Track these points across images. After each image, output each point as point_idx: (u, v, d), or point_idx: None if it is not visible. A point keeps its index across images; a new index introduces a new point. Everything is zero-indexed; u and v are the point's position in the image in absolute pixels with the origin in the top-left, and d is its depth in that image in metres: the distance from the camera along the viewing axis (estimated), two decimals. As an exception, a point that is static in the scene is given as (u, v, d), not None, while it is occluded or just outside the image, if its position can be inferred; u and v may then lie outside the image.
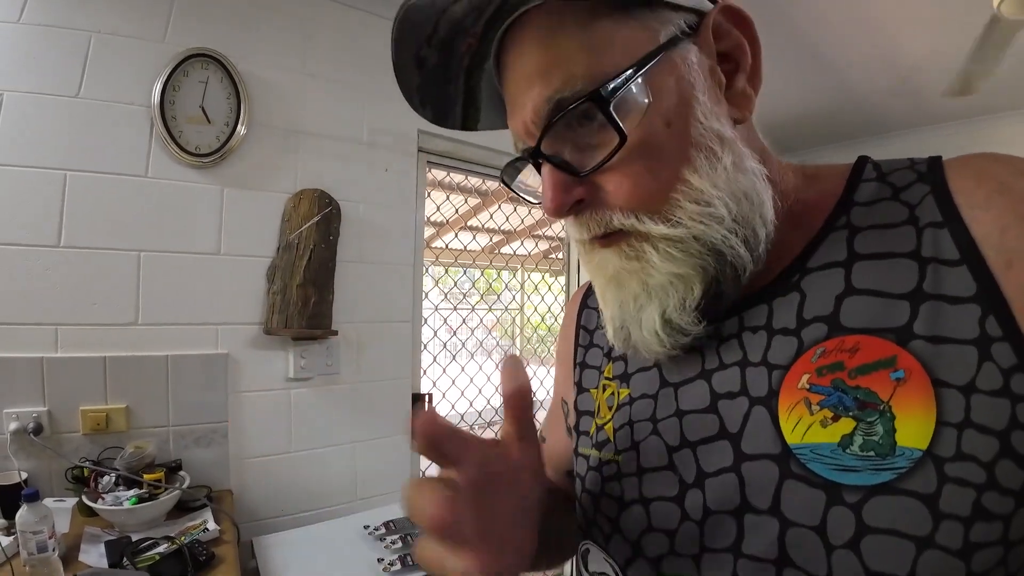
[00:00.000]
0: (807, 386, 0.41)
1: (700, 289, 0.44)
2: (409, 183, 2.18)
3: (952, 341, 0.37)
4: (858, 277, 0.42)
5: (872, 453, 0.37)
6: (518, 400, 0.44)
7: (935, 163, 0.45)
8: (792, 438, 0.41)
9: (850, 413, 0.39)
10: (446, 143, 2.28)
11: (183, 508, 1.56)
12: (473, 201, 3.02)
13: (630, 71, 0.40)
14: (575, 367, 0.66)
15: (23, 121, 1.51)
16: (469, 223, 3.42)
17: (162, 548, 1.29)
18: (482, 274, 2.91)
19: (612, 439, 0.54)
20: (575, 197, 0.44)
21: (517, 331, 3.45)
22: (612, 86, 0.40)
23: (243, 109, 1.76)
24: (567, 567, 2.92)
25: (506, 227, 2.95)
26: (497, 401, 2.82)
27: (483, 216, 3.07)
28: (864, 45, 2.37)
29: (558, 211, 0.44)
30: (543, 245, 3.66)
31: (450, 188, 2.59)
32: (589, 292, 0.69)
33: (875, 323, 0.40)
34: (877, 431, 0.38)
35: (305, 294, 1.79)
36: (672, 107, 0.42)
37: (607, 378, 0.59)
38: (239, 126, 1.76)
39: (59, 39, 1.55)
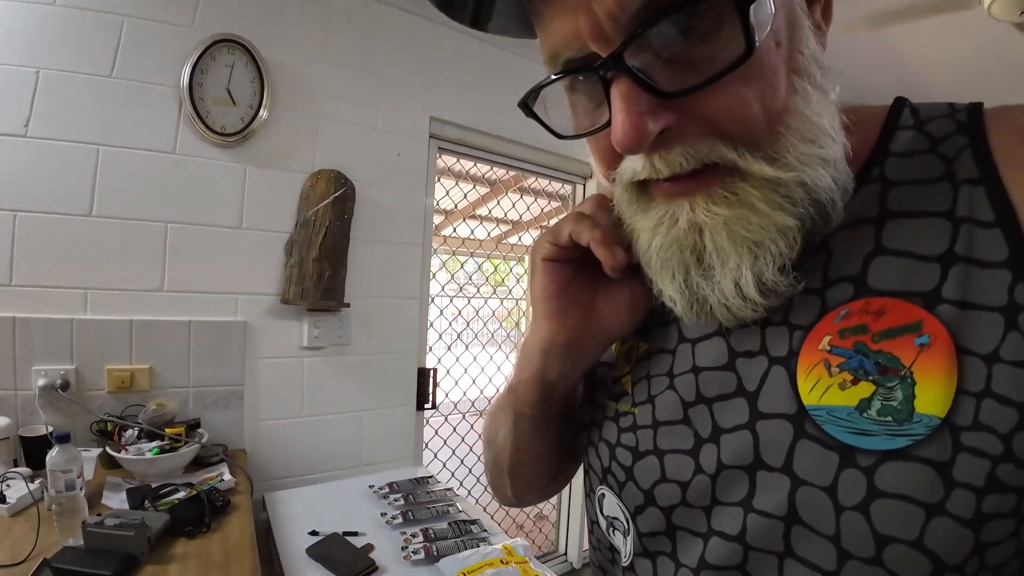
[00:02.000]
0: (828, 348, 0.40)
1: (801, 240, 0.39)
2: (420, 168, 2.27)
3: (979, 307, 0.35)
4: (889, 236, 0.40)
5: (889, 418, 0.36)
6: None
7: (976, 112, 0.41)
8: (809, 399, 0.40)
9: (870, 377, 0.37)
10: (456, 130, 2.36)
11: (200, 463, 1.64)
12: (482, 190, 3.11)
13: None
14: None
15: (59, 98, 1.60)
16: (476, 211, 3.50)
17: (182, 494, 1.37)
18: (488, 260, 2.98)
19: (630, 391, 0.53)
20: (663, 124, 0.36)
21: (521, 322, 3.48)
22: None
23: (266, 92, 1.85)
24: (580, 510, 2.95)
25: (512, 216, 3.02)
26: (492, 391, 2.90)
27: (490, 205, 3.15)
28: (869, 44, 2.38)
29: (639, 142, 0.36)
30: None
31: (459, 176, 2.67)
32: None
33: (903, 285, 0.38)
34: (896, 397, 0.36)
35: (320, 268, 1.88)
36: (782, 26, 0.37)
37: None
38: (262, 108, 1.85)
39: (93, 21, 1.63)
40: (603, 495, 0.55)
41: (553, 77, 0.40)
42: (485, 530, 1.57)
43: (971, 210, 0.37)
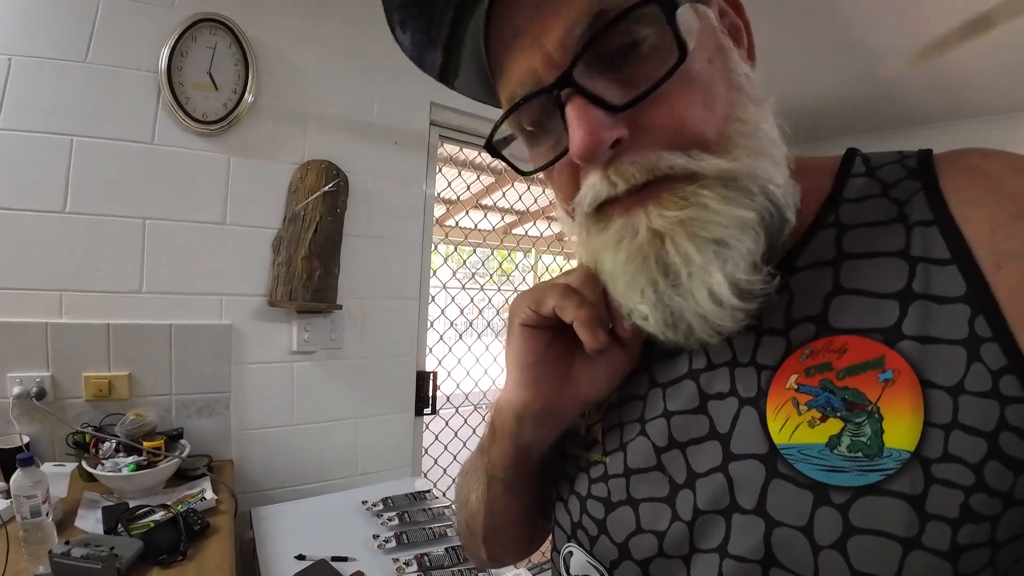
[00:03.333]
0: (795, 386, 0.41)
1: (764, 238, 0.39)
2: (420, 157, 2.14)
3: (941, 341, 0.36)
4: (846, 276, 0.41)
5: (860, 454, 0.37)
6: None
7: (926, 158, 0.43)
8: (779, 438, 0.40)
9: (838, 414, 0.38)
10: (459, 117, 2.23)
11: (184, 476, 1.56)
12: (487, 180, 2.99)
13: None
14: None
15: (31, 86, 1.49)
16: (482, 202, 3.39)
17: (158, 516, 1.29)
18: (493, 253, 2.87)
19: (601, 440, 0.53)
20: (616, 134, 0.38)
21: None
22: None
23: (251, 76, 1.73)
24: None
25: (519, 207, 2.90)
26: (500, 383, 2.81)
27: (496, 196, 3.03)
28: (898, 30, 2.26)
29: (595, 150, 0.38)
30: (556, 228, 3.61)
31: (463, 164, 2.54)
32: None
33: (863, 323, 0.39)
34: (865, 432, 0.37)
35: (310, 267, 1.77)
36: (711, 46, 0.40)
37: None
38: (247, 93, 1.73)
39: (67, 4, 1.52)
40: (570, 552, 0.54)
41: (510, 110, 0.43)
42: (485, 554, 1.46)
43: (926, 250, 0.39)
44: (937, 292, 0.37)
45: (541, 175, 0.47)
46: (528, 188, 2.91)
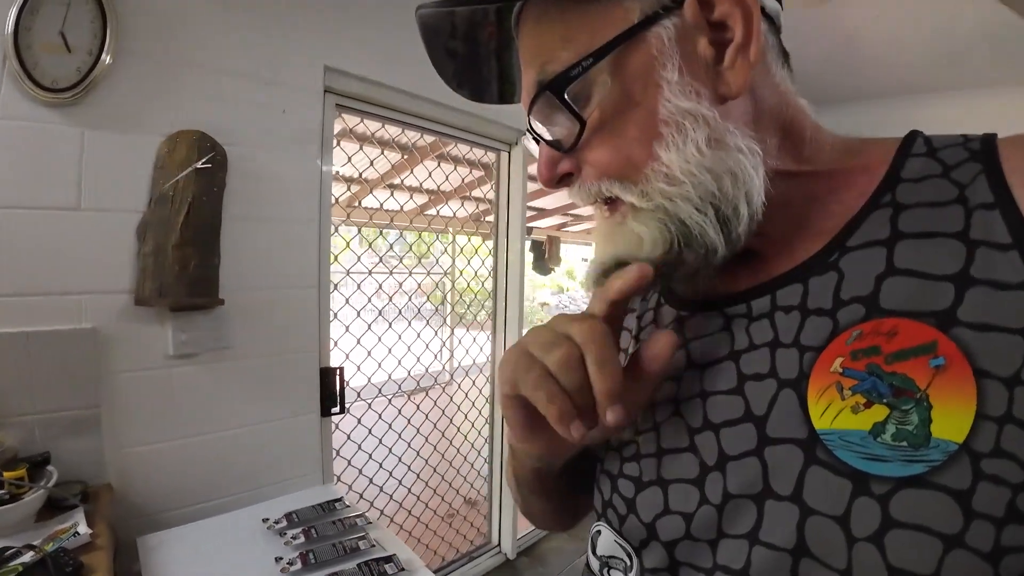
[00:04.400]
0: (840, 370, 0.40)
1: (661, 250, 0.45)
2: (313, 128, 1.92)
3: (998, 329, 0.35)
4: (900, 256, 0.41)
5: (905, 443, 0.36)
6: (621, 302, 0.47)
7: (989, 141, 0.43)
8: (820, 423, 0.40)
9: (884, 400, 0.38)
10: (358, 84, 2.02)
11: (56, 507, 1.35)
12: (394, 157, 2.79)
13: (588, 59, 0.43)
14: None
15: None
16: (391, 182, 3.18)
17: (26, 558, 1.12)
18: (401, 235, 2.69)
19: (635, 420, 0.54)
20: (562, 170, 0.49)
21: (448, 296, 3.29)
22: (572, 74, 0.44)
23: (109, 32, 1.47)
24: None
25: (430, 186, 2.71)
26: (418, 370, 2.68)
27: (403, 175, 2.84)
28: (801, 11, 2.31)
29: (548, 182, 0.50)
30: (470, 207, 3.46)
31: (365, 139, 2.33)
32: None
33: (916, 306, 0.39)
34: (912, 420, 0.36)
35: (184, 256, 1.53)
36: (639, 87, 0.44)
37: None
38: (103, 54, 1.47)
39: None
40: (598, 532, 0.55)
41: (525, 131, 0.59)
42: (403, 568, 1.33)
43: (987, 233, 0.38)
44: (997, 277, 0.37)
45: None
46: (439, 165, 2.73)
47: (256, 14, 1.75)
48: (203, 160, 1.56)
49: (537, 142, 0.50)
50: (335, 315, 2.16)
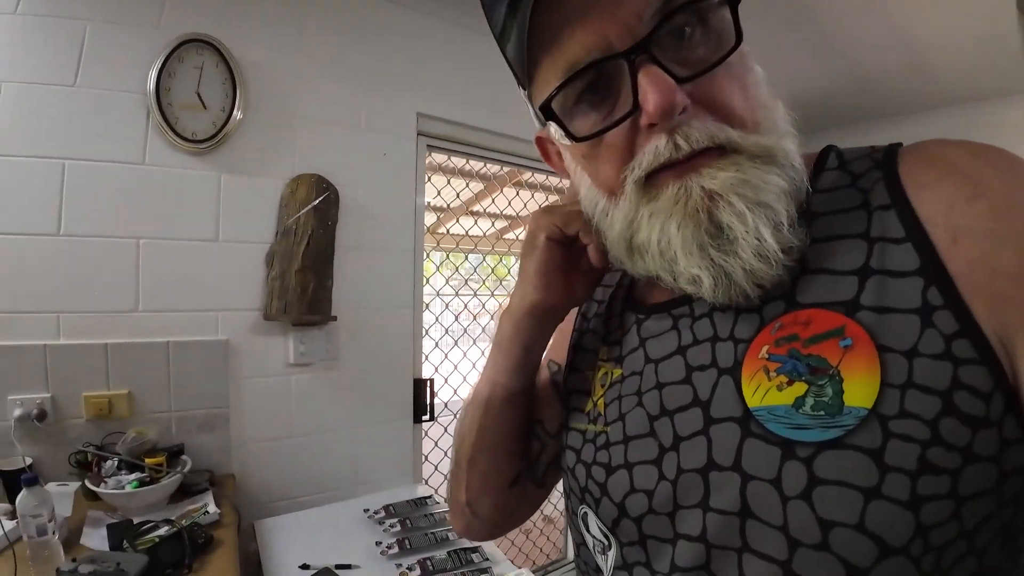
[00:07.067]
0: (766, 356, 0.45)
1: (794, 204, 0.45)
2: (408, 167, 2.16)
3: (896, 311, 0.40)
4: (812, 258, 0.46)
5: (822, 412, 0.41)
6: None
7: (891, 150, 0.47)
8: (752, 402, 0.45)
9: (803, 377, 0.42)
10: (445, 127, 2.25)
11: (186, 492, 1.57)
12: (476, 187, 3.01)
13: None
14: (569, 348, 0.70)
15: (22, 111, 1.51)
16: (472, 209, 3.40)
17: (162, 531, 1.30)
18: (484, 259, 2.88)
19: (603, 413, 0.58)
20: (684, 101, 0.42)
21: None
22: None
23: (239, 94, 1.75)
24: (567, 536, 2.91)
25: (509, 212, 2.92)
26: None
27: (486, 202, 3.05)
28: (873, 24, 2.30)
29: (671, 109, 0.41)
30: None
31: (451, 172, 2.56)
32: None
33: (826, 298, 0.44)
34: (827, 392, 0.41)
35: (304, 280, 1.79)
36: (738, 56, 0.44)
37: (602, 359, 0.63)
38: (235, 111, 1.75)
39: (56, 28, 1.54)
40: (586, 514, 0.59)
41: (578, 71, 0.45)
42: (487, 559, 1.48)
43: (883, 230, 0.43)
44: (892, 267, 0.41)
45: (582, 147, 0.50)
46: (517, 193, 2.94)
47: (357, 73, 2.02)
48: (319, 199, 1.82)
49: (633, 70, 0.42)
50: (426, 332, 2.37)
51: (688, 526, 0.47)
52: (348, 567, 1.40)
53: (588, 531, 0.59)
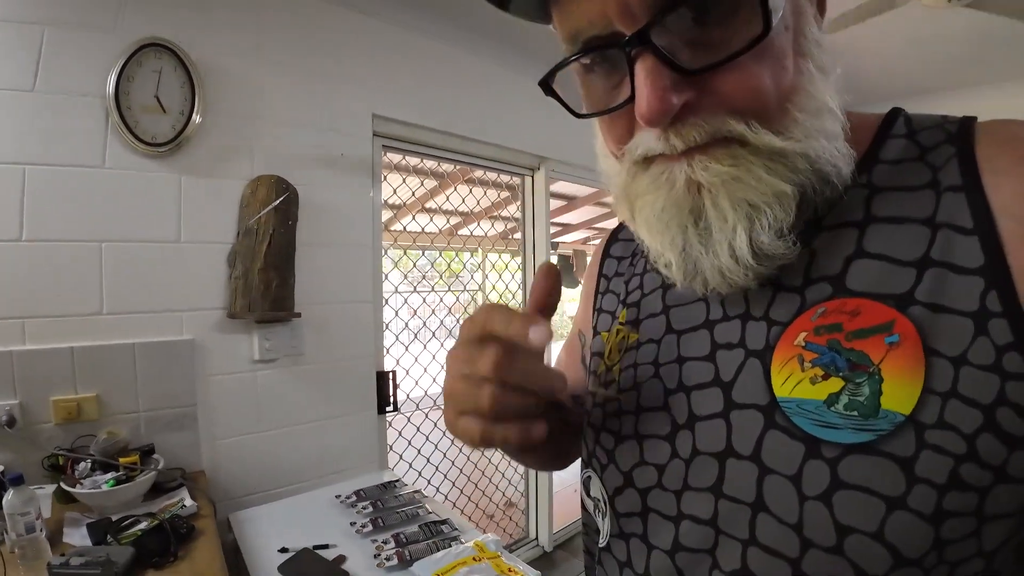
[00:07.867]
0: (803, 343, 0.42)
1: (797, 209, 0.40)
2: (365, 167, 2.23)
3: (950, 311, 0.37)
4: (870, 240, 0.41)
5: (855, 413, 0.38)
6: (548, 291, 0.44)
7: (967, 124, 0.43)
8: (781, 391, 0.42)
9: (840, 373, 0.39)
10: (401, 127, 2.33)
11: (160, 490, 1.60)
12: (430, 184, 3.07)
13: None
14: (593, 311, 0.67)
15: (-21, 119, 1.50)
16: (426, 205, 3.47)
17: (144, 524, 1.33)
18: (440, 255, 2.96)
19: (617, 379, 0.56)
20: (684, 98, 0.38)
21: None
22: None
23: (198, 97, 1.78)
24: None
25: (463, 209, 3.01)
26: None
27: (439, 200, 3.12)
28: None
29: (664, 113, 0.37)
30: (500, 226, 3.74)
31: (406, 170, 2.63)
32: (612, 240, 0.70)
33: (879, 288, 0.40)
34: (863, 392, 0.38)
35: (267, 278, 1.84)
36: (789, 11, 0.40)
37: (620, 323, 0.60)
38: (194, 114, 1.78)
39: (12, 33, 1.54)
40: (589, 477, 0.57)
41: (576, 54, 0.41)
42: (456, 529, 1.58)
43: (951, 216, 0.39)
44: (955, 261, 0.38)
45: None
46: (470, 190, 3.02)
47: (316, 76, 2.08)
48: (280, 199, 1.87)
49: (630, 60, 0.38)
50: (387, 326, 2.44)
51: (697, 508, 0.45)
52: (325, 547, 1.47)
53: (588, 494, 0.58)
